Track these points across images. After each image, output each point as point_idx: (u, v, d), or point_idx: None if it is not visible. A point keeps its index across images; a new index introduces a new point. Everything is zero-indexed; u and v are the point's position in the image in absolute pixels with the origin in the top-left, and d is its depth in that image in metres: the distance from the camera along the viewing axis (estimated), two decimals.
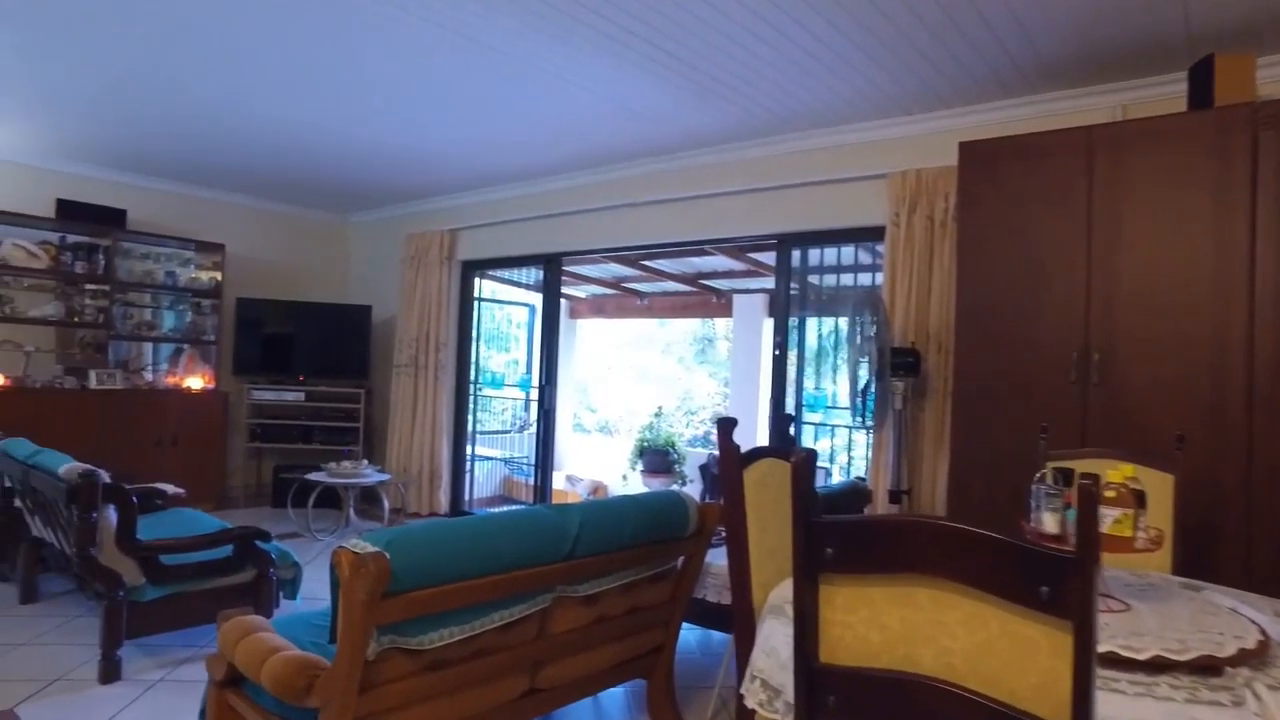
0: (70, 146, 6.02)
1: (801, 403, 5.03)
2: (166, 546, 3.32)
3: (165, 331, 6.92)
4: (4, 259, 6.00)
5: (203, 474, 6.60)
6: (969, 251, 3.48)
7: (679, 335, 13.14)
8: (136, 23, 3.72)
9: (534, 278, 7.86)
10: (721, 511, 2.71)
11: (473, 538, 2.03)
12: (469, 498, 7.21)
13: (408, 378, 6.99)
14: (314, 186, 7.03)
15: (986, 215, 3.41)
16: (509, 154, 5.67)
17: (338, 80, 4.37)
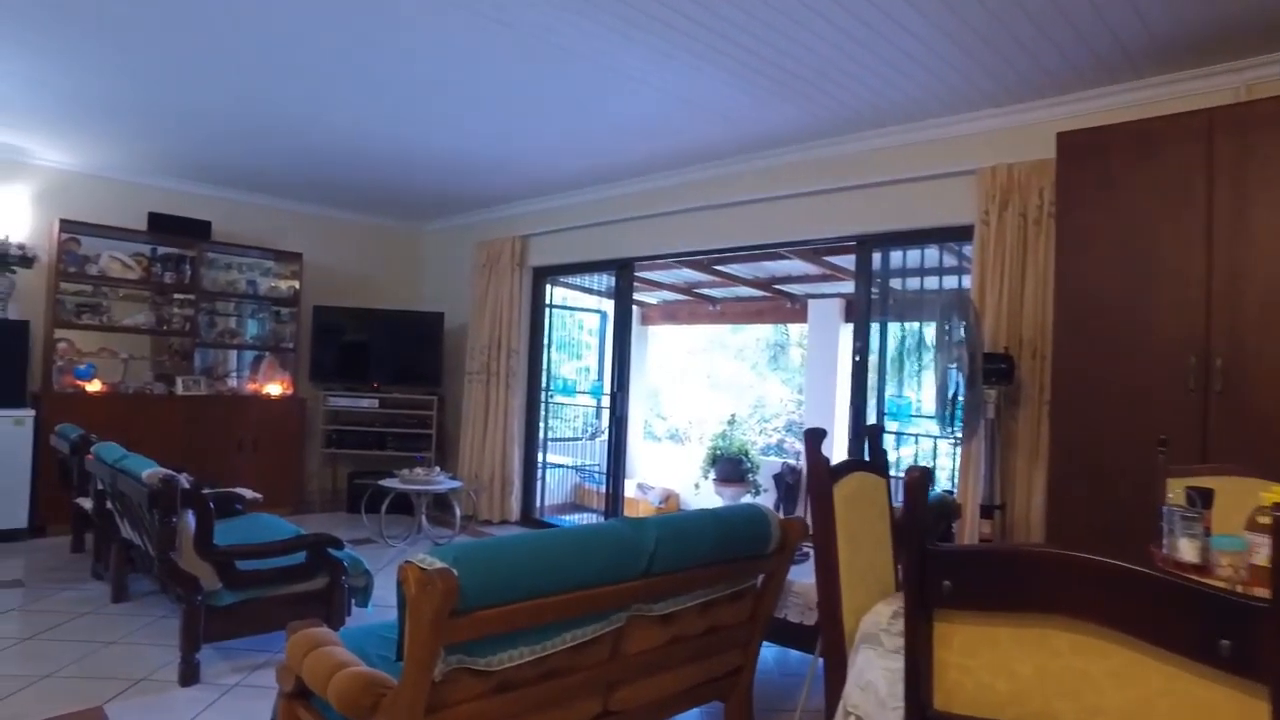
0: (161, 161, 6.23)
1: (884, 411, 4.81)
2: (242, 552, 3.33)
3: (246, 339, 7.09)
4: (102, 270, 6.23)
5: (281, 479, 6.73)
6: (1069, 250, 3.24)
7: (751, 341, 12.91)
8: (228, 42, 3.85)
9: (605, 284, 7.80)
10: (803, 527, 2.55)
11: (544, 553, 1.93)
12: (540, 505, 7.17)
13: (479, 385, 7.00)
14: (388, 196, 7.11)
15: (1089, 210, 3.17)
16: (580, 158, 5.61)
17: (411, 89, 4.38)
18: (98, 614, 4.18)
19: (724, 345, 13.30)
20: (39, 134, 5.62)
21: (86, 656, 3.59)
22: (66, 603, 4.35)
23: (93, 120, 5.24)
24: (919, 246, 4.80)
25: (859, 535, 2.02)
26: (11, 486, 5.53)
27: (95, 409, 5.87)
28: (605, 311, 9.03)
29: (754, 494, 8.34)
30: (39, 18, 3.66)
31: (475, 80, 4.20)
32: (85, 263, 6.16)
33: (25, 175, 6.13)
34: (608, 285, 7.75)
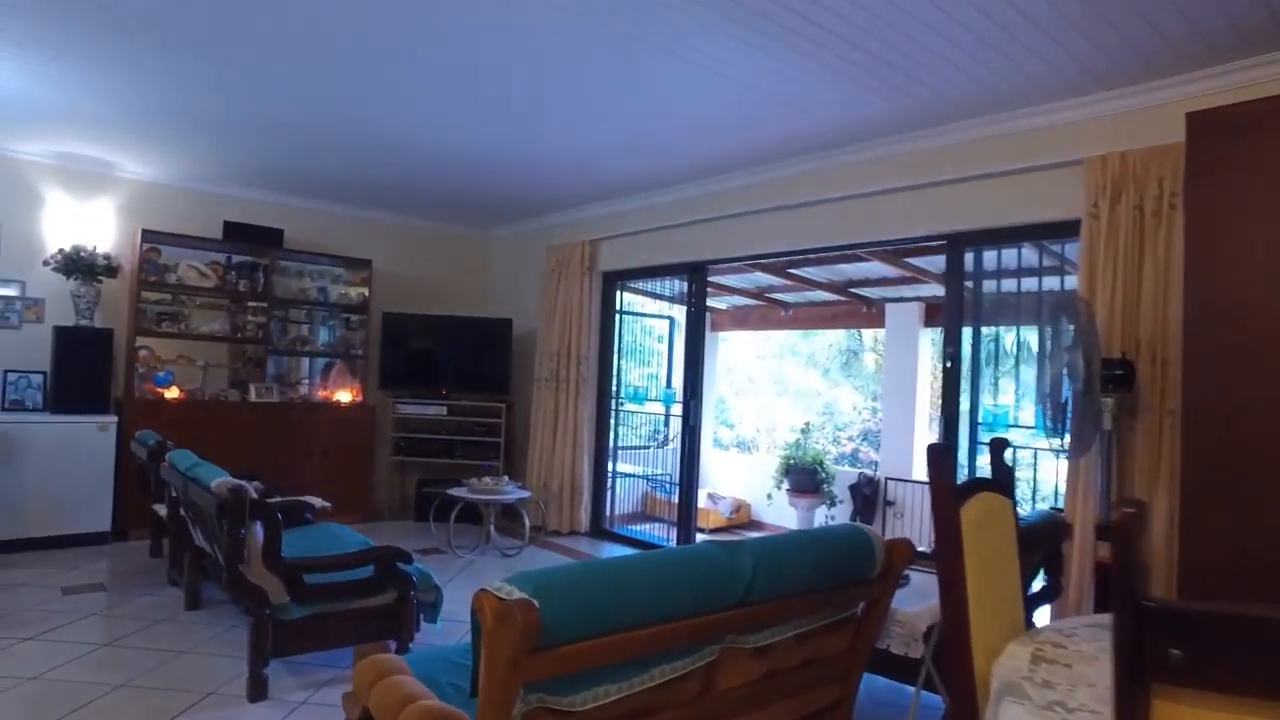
0: (236, 171, 6.30)
1: (977, 420, 4.50)
2: (310, 565, 3.23)
3: (317, 346, 7.12)
4: (180, 279, 6.32)
5: (350, 486, 6.72)
6: (1202, 244, 2.91)
7: (823, 347, 12.56)
8: (302, 49, 3.85)
9: (674, 289, 7.61)
10: (910, 550, 2.31)
11: (634, 581, 1.74)
12: (610, 515, 7.00)
13: (548, 392, 6.88)
14: (457, 201, 7.06)
15: (1227, 198, 2.84)
16: (653, 158, 5.43)
17: (482, 91, 4.29)
18: (172, 621, 4.17)
19: (794, 351, 12.98)
20: (125, 147, 5.74)
21: (159, 667, 3.55)
22: (143, 608, 4.35)
23: (174, 132, 5.32)
24: (1014, 245, 4.48)
25: (987, 565, 1.77)
26: (96, 490, 5.63)
27: (173, 415, 5.94)
28: (674, 317, 8.85)
29: (829, 505, 8.04)
30: (140, 33, 3.71)
31: (549, 80, 4.09)
32: (164, 271, 6.25)
33: (111, 187, 6.26)
34: (677, 290, 7.56)
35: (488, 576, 5.32)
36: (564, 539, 6.60)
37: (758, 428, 12.65)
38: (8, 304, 5.89)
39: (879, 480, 7.70)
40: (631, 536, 6.79)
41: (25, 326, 5.93)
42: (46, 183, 6.03)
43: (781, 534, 2.19)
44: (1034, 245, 4.56)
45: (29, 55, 4.04)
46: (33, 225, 5.97)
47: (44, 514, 5.45)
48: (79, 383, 5.68)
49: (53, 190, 6.05)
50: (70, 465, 5.53)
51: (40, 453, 5.44)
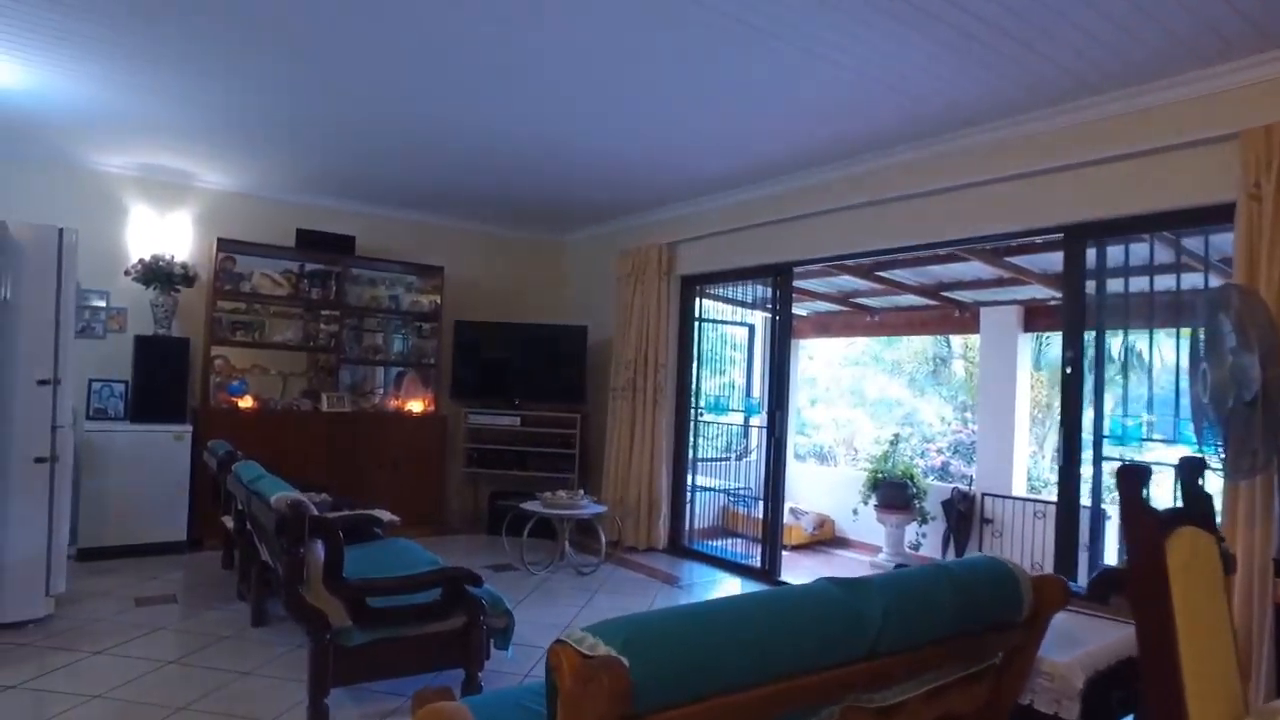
0: (309, 178, 6.26)
1: (1102, 433, 4.01)
2: (374, 587, 3.00)
3: (389, 355, 7.00)
4: (254, 288, 6.28)
5: (421, 498, 6.56)
6: None
7: (908, 354, 11.97)
8: (377, 53, 3.79)
9: (755, 295, 7.26)
10: (1064, 589, 1.92)
11: (741, 632, 1.41)
12: (689, 531, 6.67)
13: (625, 401, 6.60)
14: (530, 206, 6.87)
15: None
16: (735, 152, 5.11)
17: (555, 86, 4.11)
18: (238, 638, 4.03)
19: (878, 359, 12.43)
20: (203, 157, 5.75)
21: (221, 688, 3.39)
22: (210, 624, 4.24)
23: (250, 139, 5.30)
24: (1147, 234, 3.98)
25: (1201, 621, 1.39)
26: (171, 500, 5.60)
27: (246, 425, 5.88)
28: (753, 324, 8.50)
29: (920, 522, 7.52)
30: (220, 36, 3.67)
31: (628, 73, 3.86)
32: (239, 280, 6.22)
33: (190, 198, 6.28)
34: (757, 296, 7.21)
35: (562, 596, 5.06)
36: (641, 555, 6.29)
37: (836, 439, 12.13)
38: (94, 314, 5.94)
39: (975, 496, 7.17)
40: (712, 554, 6.44)
41: (109, 336, 5.98)
42: (130, 194, 6.07)
43: (910, 570, 1.83)
44: (1168, 236, 4.06)
45: (116, 64, 4.04)
46: (117, 236, 6.01)
47: (124, 522, 5.44)
48: (157, 392, 5.67)
49: (136, 202, 6.09)
50: (148, 474, 5.51)
51: (120, 461, 5.43)
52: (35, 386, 4.10)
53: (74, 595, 4.53)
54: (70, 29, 3.63)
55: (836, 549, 7.81)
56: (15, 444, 4.04)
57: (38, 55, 3.98)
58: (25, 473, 4.08)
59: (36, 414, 4.11)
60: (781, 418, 5.79)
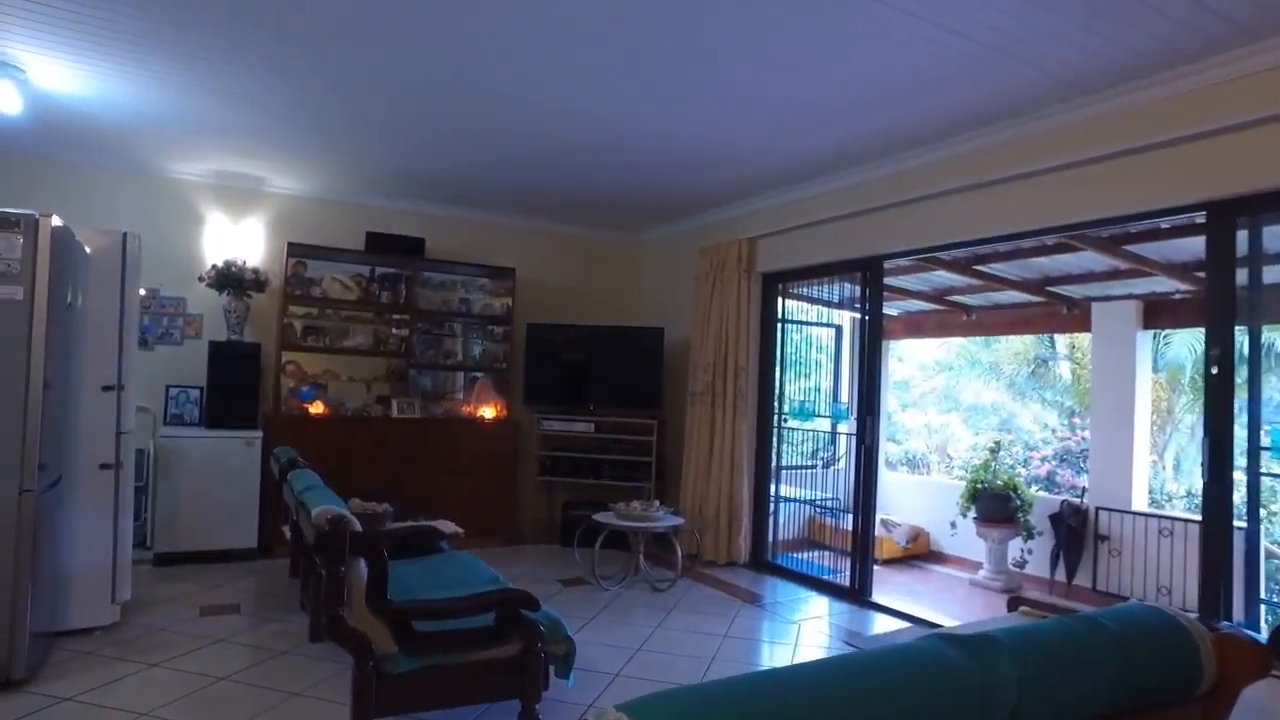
0: (378, 180, 6.17)
1: (1259, 444, 3.45)
2: (421, 610, 2.75)
3: (460, 359, 6.84)
4: (324, 292, 6.21)
5: (493, 508, 6.36)
6: None
7: (1008, 355, 11.21)
8: (448, 41, 3.66)
9: (840, 294, 6.80)
10: (1264, 655, 1.48)
11: (818, 713, 1.05)
12: (772, 544, 6.26)
13: (703, 407, 6.25)
14: (604, 203, 6.61)
15: None
16: (822, 136, 4.73)
17: (626, 71, 3.85)
18: (293, 654, 3.86)
19: (973, 361, 11.70)
20: (275, 161, 5.73)
21: (268, 710, 3.22)
22: (269, 637, 4.10)
23: (321, 142, 5.25)
24: None
25: None
26: (242, 506, 5.54)
27: (315, 431, 5.79)
28: (840, 325, 8.02)
29: (1026, 537, 6.90)
30: (294, 32, 3.61)
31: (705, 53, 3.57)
32: (310, 285, 6.16)
33: (261, 203, 6.27)
34: (843, 295, 6.75)
35: (635, 615, 4.74)
36: (720, 570, 5.92)
37: (929, 445, 11.47)
38: (171, 320, 5.97)
39: (1087, 510, 6.52)
40: (797, 570, 6.01)
41: (186, 342, 5.99)
42: (205, 201, 6.08)
43: (1048, 624, 1.43)
44: None
45: (195, 68, 4.05)
46: (194, 243, 6.03)
47: (197, 528, 5.41)
48: (230, 397, 5.63)
49: (211, 208, 6.10)
50: (221, 480, 5.46)
51: (194, 467, 5.40)
52: (100, 392, 4.04)
53: (142, 602, 4.49)
54: (149, 34, 3.64)
55: (931, 564, 7.26)
56: (82, 450, 3.99)
57: (116, 62, 4.01)
58: (91, 479, 4.03)
59: (102, 420, 4.05)
60: (873, 423, 5.34)
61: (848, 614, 5.06)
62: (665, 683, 3.67)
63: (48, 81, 4.34)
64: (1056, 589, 6.24)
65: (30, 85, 4.34)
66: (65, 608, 3.93)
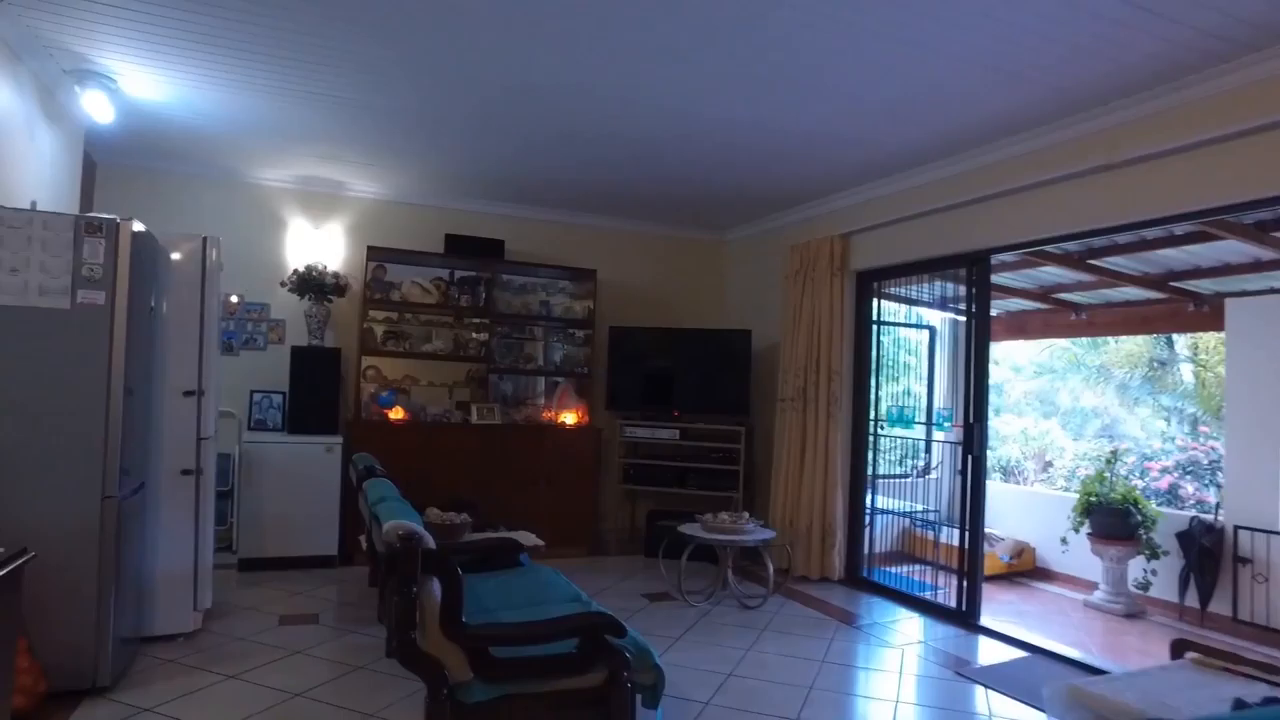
0: (457, 182, 6.09)
1: None
2: (497, 635, 2.54)
3: (540, 364, 6.69)
4: (404, 296, 6.15)
5: (574, 517, 6.18)
6: None
7: (1119, 357, 10.45)
8: (532, 35, 3.54)
9: (936, 293, 6.39)
10: None
11: None
12: (868, 559, 5.88)
13: (794, 413, 5.92)
14: (687, 201, 6.37)
15: None
16: (923, 123, 4.38)
17: (716, 59, 3.61)
18: (369, 670, 3.73)
19: (1078, 363, 10.96)
20: (356, 165, 5.70)
21: None
22: (345, 650, 3.98)
23: (400, 143, 5.19)
24: None
25: None
26: (323, 513, 5.50)
27: (394, 438, 5.71)
28: (933, 325, 7.58)
29: (1149, 557, 6.31)
30: (387, 34, 3.59)
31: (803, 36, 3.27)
32: (389, 289, 6.10)
33: (342, 207, 6.25)
34: (938, 294, 6.34)
35: (724, 634, 4.46)
36: (813, 587, 5.58)
37: (1024, 452, 10.78)
38: (255, 326, 5.99)
39: (1223, 529, 5.90)
40: (895, 588, 5.61)
41: (269, 347, 6.00)
42: (288, 206, 6.10)
43: None
44: None
45: (283, 71, 4.03)
46: (277, 249, 6.05)
47: (279, 534, 5.38)
48: (311, 403, 5.60)
49: (293, 214, 6.11)
50: (302, 487, 5.42)
51: (277, 473, 5.38)
52: (182, 398, 4.00)
53: (224, 608, 4.46)
54: (235, 37, 3.64)
55: (1038, 582, 6.75)
56: (164, 457, 3.96)
57: (203, 68, 4.04)
58: (174, 485, 3.99)
59: (183, 426, 4.01)
60: (980, 432, 4.93)
61: (953, 638, 4.66)
62: (760, 714, 3.39)
63: (138, 90, 4.38)
64: (1188, 616, 5.67)
65: (121, 95, 4.38)
66: (149, 613, 3.91)
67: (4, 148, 3.76)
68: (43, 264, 3.22)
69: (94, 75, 4.19)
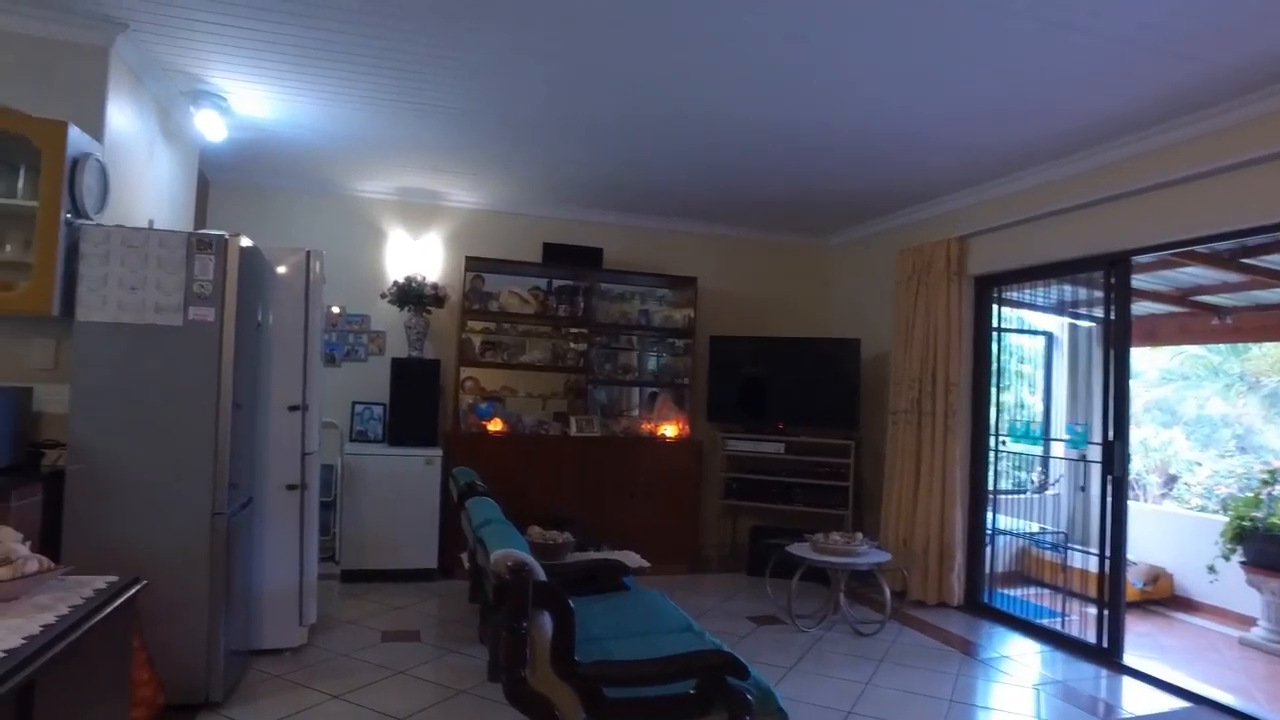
0: (555, 190, 6.02)
1: None
2: (612, 675, 2.36)
3: (640, 374, 6.52)
4: (501, 306, 6.09)
5: (674, 532, 5.98)
6: None
7: (1265, 364, 9.57)
8: (638, 39, 3.45)
9: (1051, 298, 5.94)
10: None
11: None
12: (989, 582, 5.48)
13: (908, 427, 5.57)
14: (791, 205, 6.12)
15: None
16: (1050, 116, 4.01)
17: (827, 55, 3.29)
18: (472, 695, 3.62)
19: (1215, 371, 10.08)
20: (454, 174, 5.68)
21: None
22: (449, 671, 3.89)
23: (499, 152, 5.13)
24: None
25: None
26: (422, 526, 5.46)
27: (492, 450, 5.64)
28: (1051, 332, 7.08)
29: None
30: (492, 42, 3.53)
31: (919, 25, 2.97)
32: (488, 299, 6.05)
33: (440, 218, 6.25)
34: (1054, 299, 5.90)
35: (838, 665, 4.18)
36: (931, 613, 5.22)
37: (1146, 466, 9.98)
38: (356, 337, 6.04)
39: None
40: (1019, 615, 5.18)
41: (370, 359, 6.04)
42: (387, 218, 6.13)
43: None
44: None
45: (383, 80, 4.01)
46: (377, 260, 6.09)
47: (380, 546, 5.38)
48: (411, 415, 5.60)
49: (392, 225, 6.14)
50: (402, 499, 5.40)
51: (377, 485, 5.37)
52: (287, 412, 4.00)
53: (328, 622, 4.45)
54: (337, 48, 3.63)
55: (1178, 612, 6.16)
56: (270, 471, 3.96)
57: (307, 82, 4.07)
58: (279, 499, 3.99)
59: (288, 440, 4.01)
60: (1121, 449, 4.49)
61: (1093, 679, 4.24)
62: None
63: (247, 108, 4.45)
64: None
65: (232, 112, 4.45)
66: (257, 628, 3.91)
67: (127, 168, 3.84)
68: (159, 282, 3.24)
69: (207, 94, 4.26)
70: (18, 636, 1.51)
